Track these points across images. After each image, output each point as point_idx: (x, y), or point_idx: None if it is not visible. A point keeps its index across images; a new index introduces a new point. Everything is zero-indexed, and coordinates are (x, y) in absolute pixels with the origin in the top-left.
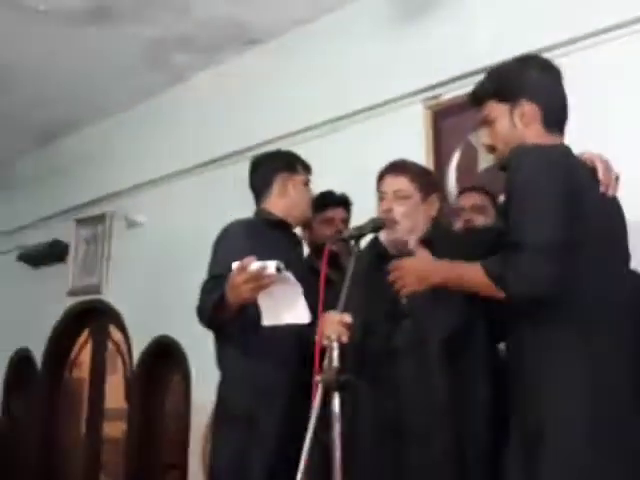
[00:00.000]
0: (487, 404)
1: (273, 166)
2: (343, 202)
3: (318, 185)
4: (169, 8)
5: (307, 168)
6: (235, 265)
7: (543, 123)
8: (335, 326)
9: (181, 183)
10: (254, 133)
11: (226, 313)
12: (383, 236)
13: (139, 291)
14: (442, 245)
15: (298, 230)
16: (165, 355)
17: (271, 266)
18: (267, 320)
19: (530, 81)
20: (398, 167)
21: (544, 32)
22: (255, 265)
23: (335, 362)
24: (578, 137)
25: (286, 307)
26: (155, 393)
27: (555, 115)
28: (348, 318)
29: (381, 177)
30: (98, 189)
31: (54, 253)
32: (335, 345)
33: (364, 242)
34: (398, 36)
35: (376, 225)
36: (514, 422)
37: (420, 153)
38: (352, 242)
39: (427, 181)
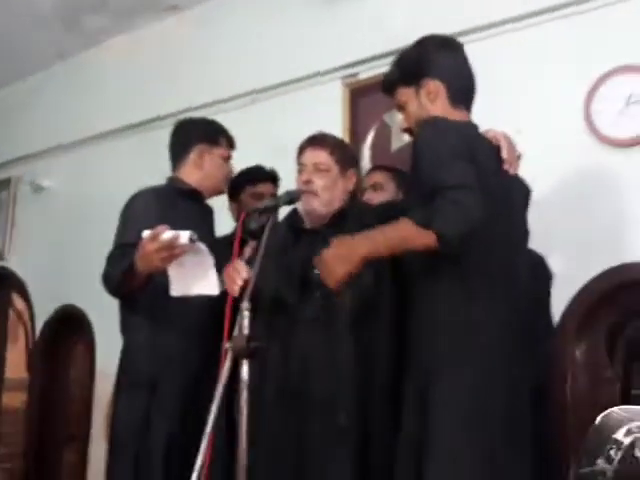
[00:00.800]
0: (391, 373)
1: (193, 134)
2: (272, 177)
3: (235, 157)
4: None
5: (230, 142)
6: (146, 233)
7: (449, 98)
8: (231, 271)
9: (92, 149)
10: (171, 101)
11: (134, 282)
12: (300, 207)
13: (44, 259)
14: (357, 218)
15: (223, 203)
16: (69, 324)
17: (184, 236)
18: (176, 291)
19: (431, 60)
20: (319, 140)
21: (460, 15)
22: (168, 234)
23: (245, 329)
24: (487, 117)
25: (196, 278)
26: (58, 362)
27: (460, 90)
28: (244, 270)
29: (301, 149)
30: (4, 152)
31: None
32: (246, 314)
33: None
34: (320, 13)
35: (292, 197)
36: (409, 374)
37: (337, 130)
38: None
39: (346, 155)
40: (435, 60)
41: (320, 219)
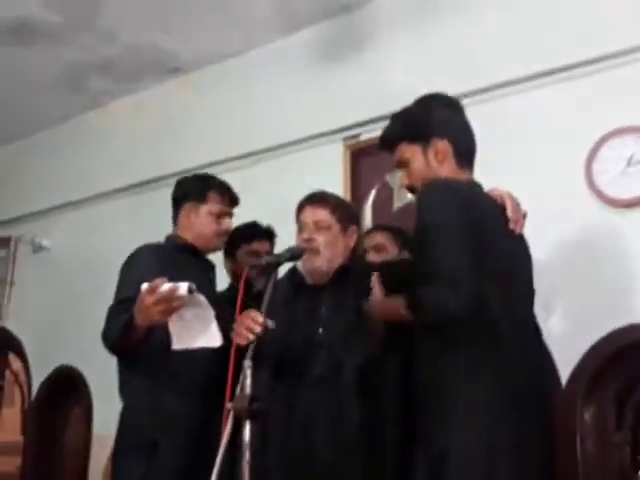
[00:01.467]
0: (397, 440)
1: (182, 193)
2: (269, 235)
3: (236, 218)
4: (94, 31)
5: (226, 197)
6: (145, 286)
7: (455, 158)
8: (248, 320)
9: (92, 209)
10: (172, 162)
11: (134, 337)
12: (302, 265)
13: (42, 318)
14: (360, 276)
15: (219, 259)
16: (66, 385)
17: (183, 287)
18: (177, 344)
19: (438, 119)
20: (318, 198)
21: (461, 77)
22: (166, 286)
23: (248, 389)
24: (488, 179)
25: (197, 330)
26: (54, 425)
27: (466, 150)
28: (261, 318)
29: (301, 207)
30: (5, 211)
31: None
32: (248, 373)
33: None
34: (321, 75)
35: (293, 254)
36: (420, 446)
37: (338, 191)
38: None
39: (347, 213)
40: (443, 119)
41: (322, 276)
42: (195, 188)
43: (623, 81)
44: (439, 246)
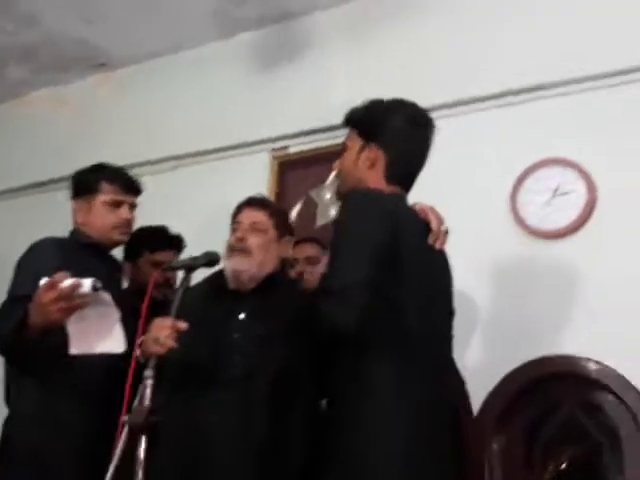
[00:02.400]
0: (302, 458)
1: (75, 188)
2: (177, 245)
3: (159, 220)
4: (14, 16)
5: (118, 185)
6: (43, 281)
7: (385, 173)
8: (166, 330)
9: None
10: (87, 162)
11: (27, 337)
12: (229, 265)
13: None
14: (288, 289)
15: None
16: None
17: (86, 284)
18: (75, 348)
19: (388, 128)
20: (259, 201)
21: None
22: (68, 282)
23: (147, 401)
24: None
25: (99, 334)
26: None
27: (398, 172)
28: (183, 325)
29: (239, 209)
30: None
31: None
32: (149, 383)
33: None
34: (254, 84)
35: (210, 259)
36: (330, 462)
37: None
38: (182, 272)
39: (284, 221)
40: (393, 132)
41: (248, 281)
42: (86, 180)
43: (552, 112)
44: (341, 257)
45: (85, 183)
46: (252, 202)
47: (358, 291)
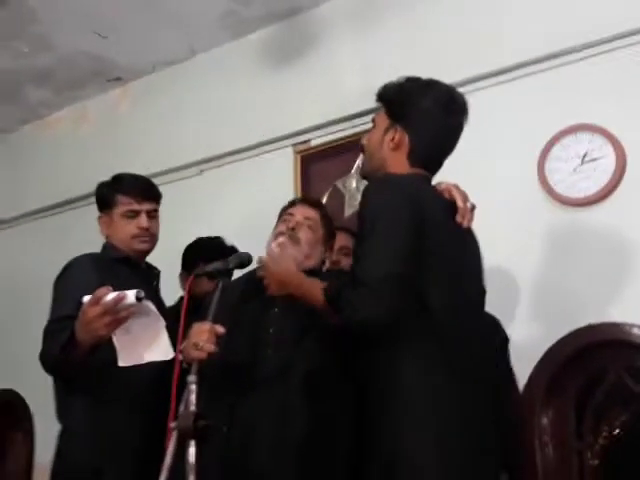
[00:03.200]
0: (345, 452)
1: (98, 205)
2: (230, 254)
3: (190, 226)
4: (28, 39)
5: (133, 195)
6: (87, 298)
7: (409, 156)
8: (205, 334)
9: (28, 226)
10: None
11: (76, 356)
12: (274, 250)
13: None
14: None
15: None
16: (7, 411)
17: (130, 295)
18: (124, 360)
19: (417, 111)
20: (314, 201)
21: None
22: (111, 295)
23: (192, 406)
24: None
25: (146, 343)
26: None
27: (422, 155)
28: (221, 329)
29: (292, 204)
30: None
31: None
32: (193, 388)
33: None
34: (269, 81)
35: (242, 261)
36: (368, 456)
37: (289, 196)
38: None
39: (332, 226)
40: (420, 114)
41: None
42: (103, 194)
43: (576, 79)
44: (372, 249)
45: (103, 198)
46: (307, 200)
47: (391, 283)
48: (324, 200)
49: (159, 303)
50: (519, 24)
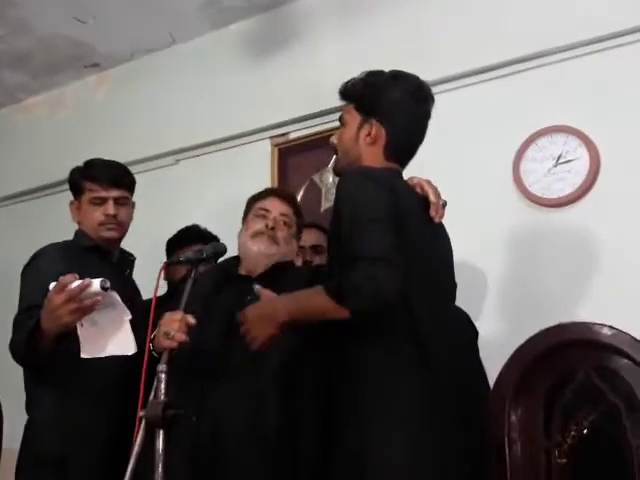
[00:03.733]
0: (312, 447)
1: (71, 191)
2: (200, 239)
3: (166, 214)
4: (7, 22)
5: (98, 182)
6: (53, 285)
7: (385, 149)
8: (176, 323)
9: (1, 210)
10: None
11: (43, 344)
12: (254, 246)
13: None
14: (294, 278)
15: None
16: None
17: (95, 283)
18: (87, 352)
19: (387, 102)
20: (287, 195)
21: None
22: (77, 283)
23: (162, 395)
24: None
25: (110, 336)
26: None
27: (398, 148)
28: (192, 319)
29: (266, 195)
30: None
31: None
32: (163, 377)
33: None
34: (249, 72)
35: (217, 251)
36: (335, 453)
37: None
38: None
39: (302, 219)
40: (392, 106)
41: (263, 265)
42: (73, 180)
43: (554, 81)
44: (362, 228)
45: (73, 184)
46: (281, 194)
47: (396, 254)
48: (301, 194)
49: (133, 292)
50: (496, 26)
